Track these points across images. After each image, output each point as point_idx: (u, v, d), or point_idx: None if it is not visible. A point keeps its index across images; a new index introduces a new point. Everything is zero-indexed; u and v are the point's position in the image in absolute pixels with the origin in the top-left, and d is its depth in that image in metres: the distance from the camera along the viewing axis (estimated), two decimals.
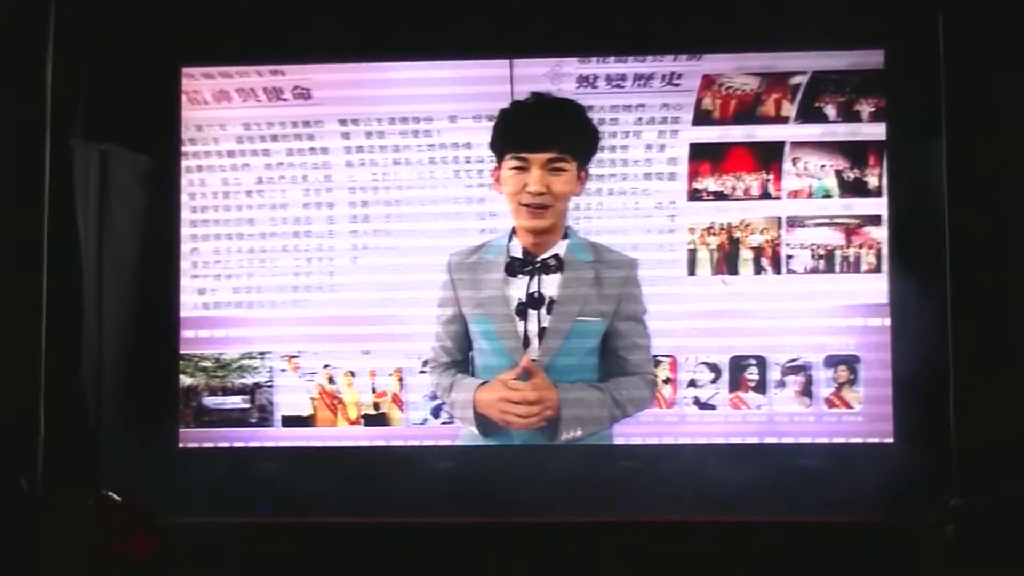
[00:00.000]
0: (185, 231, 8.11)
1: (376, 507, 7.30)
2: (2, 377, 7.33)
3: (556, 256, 7.86)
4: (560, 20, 7.84)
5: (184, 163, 8.11)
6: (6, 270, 7.42)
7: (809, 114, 7.84)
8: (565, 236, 7.88)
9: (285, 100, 8.11)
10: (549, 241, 7.88)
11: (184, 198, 8.11)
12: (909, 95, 7.58)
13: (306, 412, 8.02)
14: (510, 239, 7.90)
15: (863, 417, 7.72)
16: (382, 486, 7.53)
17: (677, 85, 7.93)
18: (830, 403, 7.76)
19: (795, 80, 7.85)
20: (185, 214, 8.11)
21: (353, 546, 6.98)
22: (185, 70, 8.12)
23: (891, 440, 7.63)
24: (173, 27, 7.94)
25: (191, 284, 8.10)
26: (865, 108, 7.80)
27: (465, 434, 7.89)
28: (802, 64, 7.85)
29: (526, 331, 7.82)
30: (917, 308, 7.53)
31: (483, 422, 7.83)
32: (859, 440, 7.69)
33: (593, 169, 7.90)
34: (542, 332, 7.81)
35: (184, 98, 8.13)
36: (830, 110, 7.83)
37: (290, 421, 8.02)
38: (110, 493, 6.66)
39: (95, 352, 7.77)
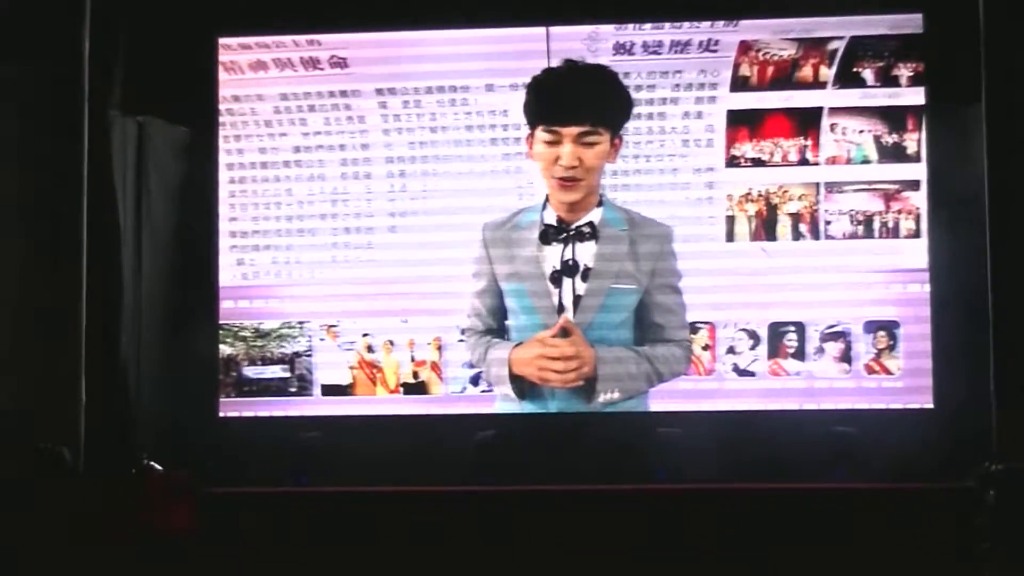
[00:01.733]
0: (223, 202, 8.14)
1: (414, 475, 7.30)
2: (44, 348, 7.38)
3: (591, 224, 7.85)
4: None
5: (222, 133, 8.14)
6: (46, 242, 7.47)
7: (847, 79, 7.79)
8: (600, 204, 7.87)
9: (322, 70, 8.12)
10: (584, 208, 7.86)
11: (222, 169, 8.14)
12: (948, 59, 7.53)
13: (345, 381, 8.07)
14: (544, 207, 7.90)
15: (903, 383, 7.70)
16: (421, 454, 7.54)
17: (714, 51, 7.90)
18: (869, 369, 7.74)
19: (833, 45, 7.81)
20: (223, 185, 8.14)
21: (391, 514, 7.00)
22: (222, 41, 8.15)
23: (931, 406, 7.61)
24: None
25: (230, 254, 8.14)
26: (904, 72, 7.75)
27: (501, 400, 7.93)
28: (840, 29, 7.81)
29: (560, 299, 7.82)
30: (957, 273, 7.50)
31: (519, 383, 7.85)
32: (899, 406, 7.68)
33: (629, 137, 7.89)
34: (577, 300, 7.81)
35: (221, 69, 8.15)
36: (868, 75, 7.79)
37: (330, 390, 8.07)
38: (151, 462, 6.71)
39: (135, 323, 7.82)
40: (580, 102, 7.81)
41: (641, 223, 7.84)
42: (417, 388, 8.00)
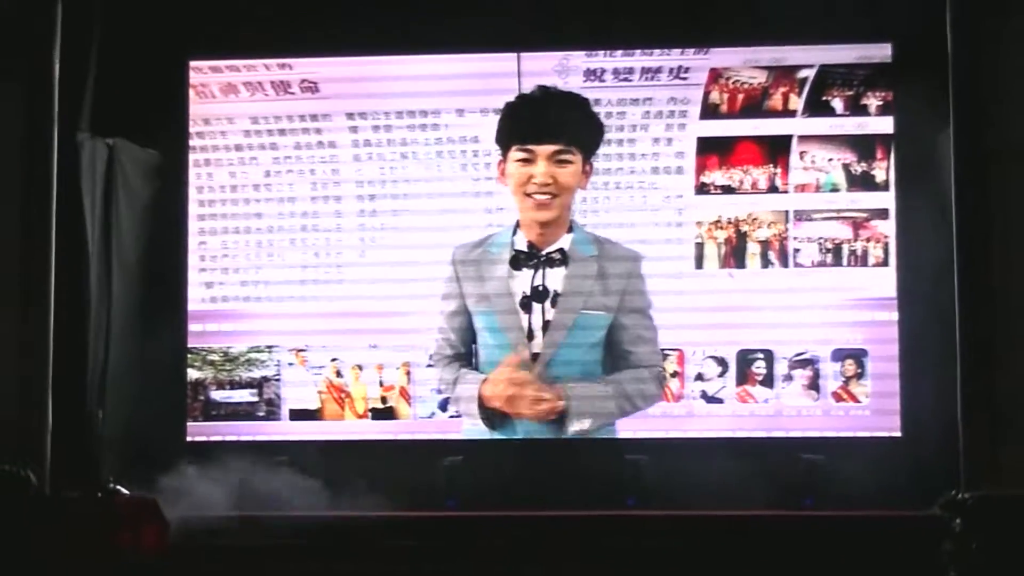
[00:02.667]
0: (193, 225, 8.12)
1: (383, 500, 7.27)
2: (10, 371, 7.34)
3: (561, 250, 7.86)
4: (567, 14, 7.84)
5: (192, 157, 8.12)
6: (12, 264, 7.43)
7: (817, 108, 7.83)
8: (570, 230, 7.88)
9: (292, 94, 8.12)
10: (554, 235, 7.88)
11: (192, 192, 8.12)
12: (916, 88, 7.55)
13: (314, 406, 8.04)
14: (515, 232, 7.91)
15: (871, 411, 7.72)
16: (389, 479, 7.52)
17: (685, 79, 7.93)
18: (837, 397, 7.76)
19: (802, 74, 7.84)
20: (193, 208, 8.12)
21: (360, 539, 6.98)
22: (193, 64, 8.13)
23: (899, 434, 7.63)
24: (180, 21, 7.94)
25: (199, 278, 8.12)
26: (873, 101, 7.79)
27: (469, 428, 7.91)
28: (810, 58, 7.84)
29: (530, 324, 7.82)
30: (925, 302, 7.52)
31: (490, 415, 7.84)
32: (867, 434, 7.69)
33: (600, 163, 7.91)
34: (546, 325, 7.82)
35: (192, 92, 8.13)
36: (837, 103, 7.82)
37: (298, 415, 8.04)
38: (118, 486, 6.67)
39: (102, 346, 7.77)
40: (555, 122, 7.84)
41: (611, 249, 7.86)
42: (385, 413, 7.98)
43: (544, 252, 7.87)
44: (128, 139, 7.96)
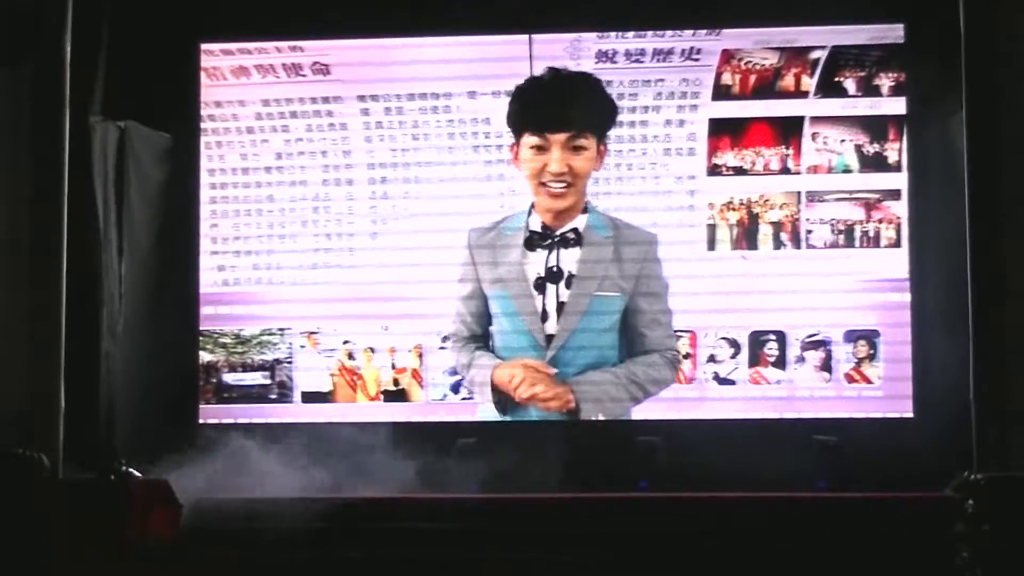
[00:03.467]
0: (204, 208, 8.13)
1: (396, 482, 7.28)
2: (22, 354, 7.34)
3: (575, 230, 7.86)
4: None
5: (203, 139, 8.13)
6: (24, 248, 7.43)
7: (829, 89, 7.81)
8: (584, 210, 7.87)
9: (304, 76, 8.11)
10: (569, 215, 7.87)
11: (203, 175, 8.13)
12: (929, 69, 7.54)
13: (326, 388, 8.05)
14: (529, 213, 7.90)
15: (883, 392, 7.72)
16: (402, 461, 7.52)
17: (696, 60, 7.91)
18: (850, 378, 7.75)
19: (814, 55, 7.82)
20: (204, 191, 8.13)
21: (371, 521, 6.99)
22: (204, 47, 8.13)
23: (911, 415, 7.62)
24: (191, 4, 7.94)
25: (211, 261, 8.13)
26: (885, 82, 7.77)
27: (483, 409, 7.91)
28: (822, 39, 7.82)
29: (544, 306, 7.82)
30: (937, 283, 7.51)
31: (502, 400, 7.85)
32: (879, 415, 7.69)
33: (612, 145, 7.90)
34: (560, 306, 7.82)
35: (203, 75, 8.14)
36: (850, 84, 7.80)
37: (310, 397, 8.05)
38: (130, 469, 6.68)
39: (114, 329, 7.78)
40: (567, 108, 7.82)
41: (625, 230, 7.84)
42: (398, 395, 7.99)
43: (559, 233, 7.86)
44: (140, 122, 7.96)
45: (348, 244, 8.07)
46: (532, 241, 7.88)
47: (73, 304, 7.41)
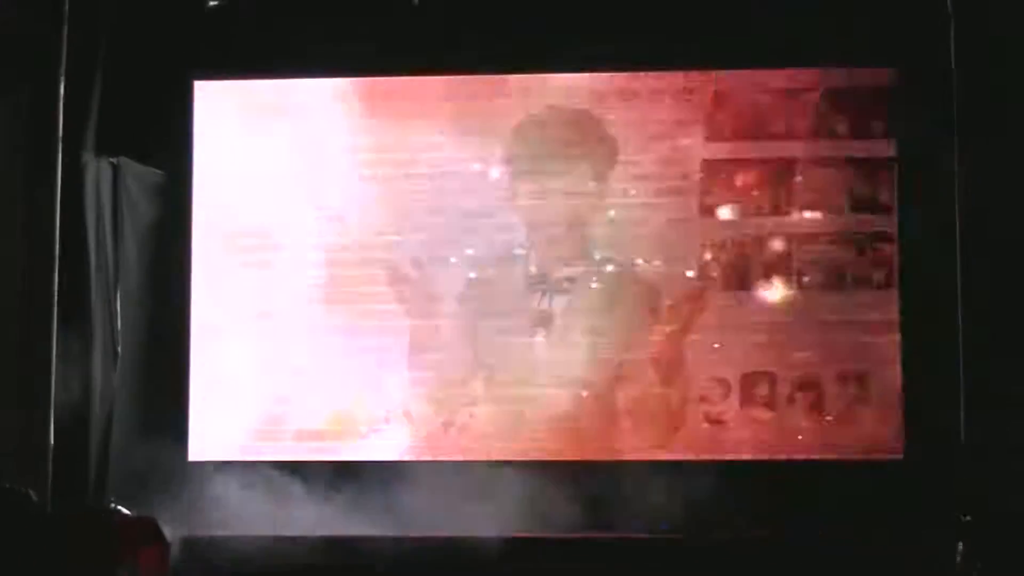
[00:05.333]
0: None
1: (383, 521, 7.28)
2: (13, 389, 7.34)
3: (569, 276, 7.87)
4: (574, 35, 7.82)
5: (196, 176, 8.11)
6: (15, 282, 7.44)
7: (821, 131, 7.82)
8: (578, 255, 7.89)
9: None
10: (565, 259, 7.89)
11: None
12: (920, 112, 7.54)
13: (319, 426, 8.02)
14: (526, 255, 7.92)
15: (873, 434, 7.69)
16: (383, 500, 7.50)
17: (689, 100, 7.93)
18: (840, 419, 7.73)
19: (806, 97, 7.84)
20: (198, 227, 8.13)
21: (364, 560, 7.00)
22: (198, 84, 8.14)
23: (901, 456, 7.60)
24: (185, 41, 7.94)
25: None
26: (876, 125, 7.78)
27: None
28: (813, 81, 7.85)
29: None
30: (928, 325, 7.51)
31: None
32: (869, 457, 7.66)
33: (605, 184, 7.90)
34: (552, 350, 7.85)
35: (197, 111, 8.14)
36: (841, 127, 7.81)
37: (303, 435, 8.02)
38: (119, 506, 6.66)
39: (105, 366, 7.76)
40: (563, 149, 7.86)
41: (616, 272, 7.84)
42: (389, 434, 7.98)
43: (555, 277, 7.88)
44: (132, 158, 7.95)
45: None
46: (528, 283, 7.92)
47: (64, 341, 7.41)
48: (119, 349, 7.82)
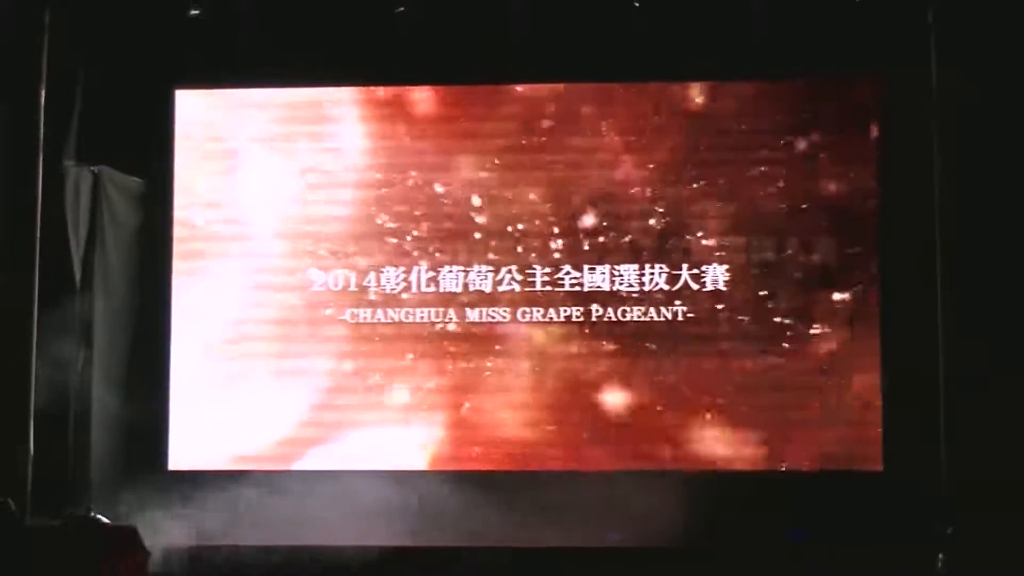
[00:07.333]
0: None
1: (367, 530, 7.27)
2: None
3: None
4: (546, 46, 7.83)
5: (177, 184, 8.09)
6: None
7: (801, 155, 7.83)
8: None
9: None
10: None
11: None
12: (903, 126, 7.56)
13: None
14: None
15: (853, 445, 7.70)
16: (370, 509, 7.50)
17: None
18: (820, 430, 7.72)
19: (789, 112, 7.85)
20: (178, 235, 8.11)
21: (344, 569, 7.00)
22: (179, 92, 8.12)
23: (880, 468, 7.61)
24: (167, 50, 7.92)
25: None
26: (858, 139, 7.78)
27: None
28: (797, 95, 7.87)
29: None
30: (909, 338, 7.51)
31: None
32: (848, 468, 7.67)
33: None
34: None
35: (177, 120, 8.12)
36: (822, 153, 7.81)
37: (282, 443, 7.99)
38: (98, 515, 6.65)
39: (85, 374, 7.74)
40: None
41: None
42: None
43: None
44: (113, 167, 7.94)
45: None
46: None
47: (43, 350, 7.40)
48: (97, 357, 7.80)
